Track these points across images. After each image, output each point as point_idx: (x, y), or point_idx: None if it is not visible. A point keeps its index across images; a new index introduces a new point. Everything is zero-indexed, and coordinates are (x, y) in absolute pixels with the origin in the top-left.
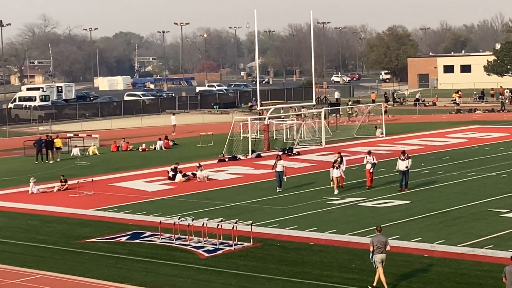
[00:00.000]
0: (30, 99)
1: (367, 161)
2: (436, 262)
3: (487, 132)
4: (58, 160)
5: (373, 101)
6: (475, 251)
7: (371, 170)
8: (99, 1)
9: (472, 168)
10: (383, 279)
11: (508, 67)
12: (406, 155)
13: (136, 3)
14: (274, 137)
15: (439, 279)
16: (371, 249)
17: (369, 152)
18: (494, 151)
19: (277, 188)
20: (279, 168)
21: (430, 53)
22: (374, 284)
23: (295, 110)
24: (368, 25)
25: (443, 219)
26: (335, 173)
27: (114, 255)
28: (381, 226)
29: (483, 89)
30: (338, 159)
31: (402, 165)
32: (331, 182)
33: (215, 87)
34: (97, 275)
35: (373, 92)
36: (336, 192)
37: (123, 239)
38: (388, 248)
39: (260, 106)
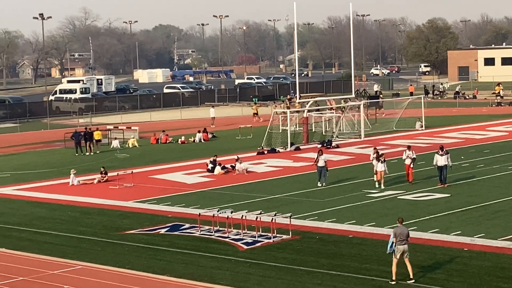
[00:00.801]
0: (71, 91)
1: (407, 156)
2: (476, 256)
3: None
4: (98, 152)
5: (411, 94)
6: None
7: (411, 165)
8: None
9: None
10: (394, 269)
11: None
12: (444, 150)
13: None
14: (313, 130)
15: (479, 273)
16: (394, 240)
17: (408, 147)
18: None
19: (318, 183)
20: (321, 163)
21: (471, 46)
22: (411, 276)
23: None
24: (408, 17)
25: (483, 213)
26: (379, 167)
27: (153, 246)
28: (421, 219)
29: None
30: (376, 153)
31: (440, 160)
32: (375, 176)
33: (254, 80)
34: (137, 266)
35: (411, 85)
36: (382, 186)
37: (162, 231)
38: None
39: (299, 98)
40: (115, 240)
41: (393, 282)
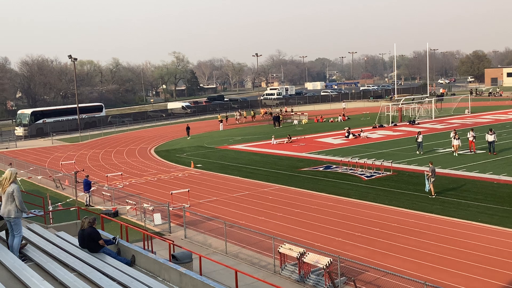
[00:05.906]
0: (272, 94)
1: (471, 135)
2: (501, 186)
3: None
4: (281, 126)
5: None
6: None
7: (473, 140)
8: (312, 40)
9: None
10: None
11: None
12: (493, 131)
13: (330, 39)
14: (404, 114)
15: (503, 195)
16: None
17: (472, 129)
18: None
19: (417, 151)
20: (419, 140)
21: (498, 66)
22: (433, 194)
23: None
24: (460, 50)
25: (506, 162)
26: (455, 142)
27: (315, 177)
28: (467, 165)
29: None
30: (454, 133)
31: (490, 138)
32: (452, 147)
33: (370, 87)
34: (307, 187)
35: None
36: (455, 154)
37: (320, 168)
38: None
39: (396, 97)
40: (295, 173)
41: (433, 196)
